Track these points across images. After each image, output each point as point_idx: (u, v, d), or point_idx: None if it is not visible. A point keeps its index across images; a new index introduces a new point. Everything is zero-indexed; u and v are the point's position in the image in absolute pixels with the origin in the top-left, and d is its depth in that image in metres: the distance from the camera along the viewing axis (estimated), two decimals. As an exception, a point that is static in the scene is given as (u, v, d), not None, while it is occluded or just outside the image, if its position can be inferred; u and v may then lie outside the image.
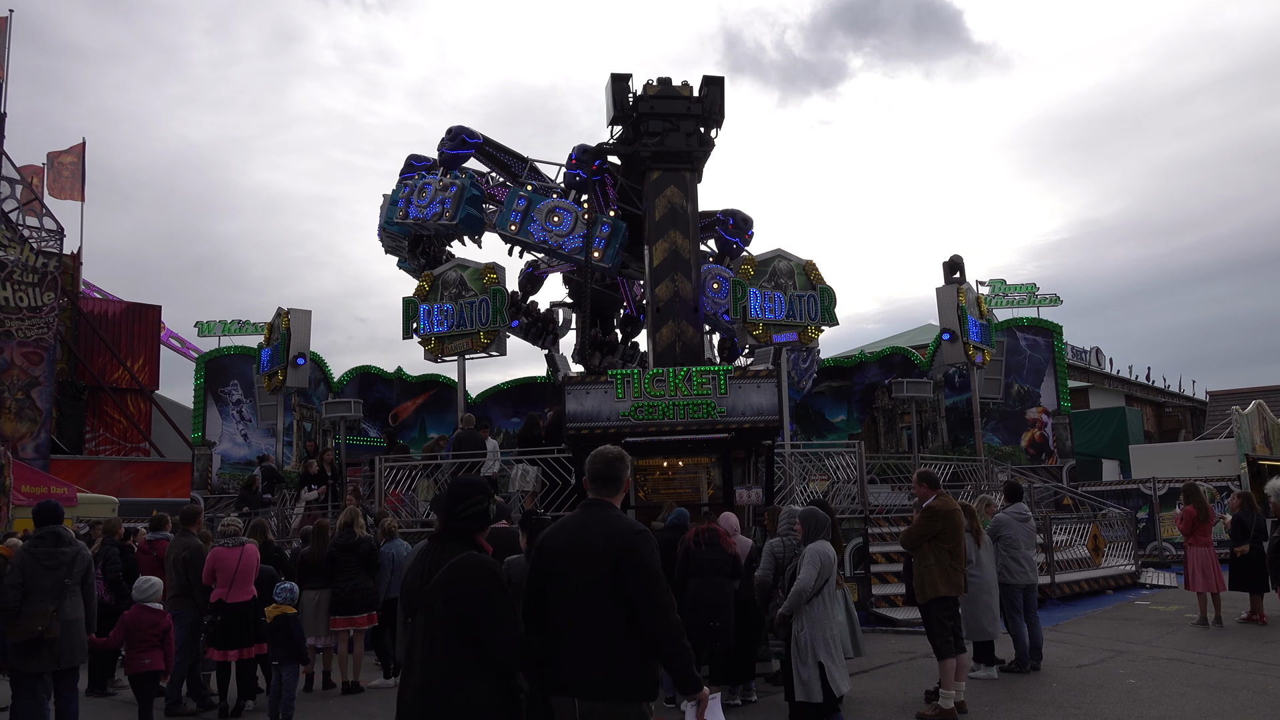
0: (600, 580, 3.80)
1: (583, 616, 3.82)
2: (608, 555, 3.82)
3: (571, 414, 10.21)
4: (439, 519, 4.09)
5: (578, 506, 4.23)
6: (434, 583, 3.81)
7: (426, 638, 3.79)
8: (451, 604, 3.76)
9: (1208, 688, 8.63)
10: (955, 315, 18.03)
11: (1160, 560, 20.35)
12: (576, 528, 4.01)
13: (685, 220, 16.78)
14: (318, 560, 10.13)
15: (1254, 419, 23.49)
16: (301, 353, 18.37)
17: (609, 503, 4.06)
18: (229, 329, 29.38)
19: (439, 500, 4.15)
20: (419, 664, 3.79)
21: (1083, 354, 40.97)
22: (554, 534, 4.08)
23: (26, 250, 25.87)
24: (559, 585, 3.91)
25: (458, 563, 3.82)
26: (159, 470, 27.56)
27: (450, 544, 3.94)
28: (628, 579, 3.78)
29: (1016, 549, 9.77)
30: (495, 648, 3.73)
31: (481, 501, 4.00)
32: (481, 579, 3.81)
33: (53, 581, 6.81)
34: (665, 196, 17.05)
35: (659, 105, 17.32)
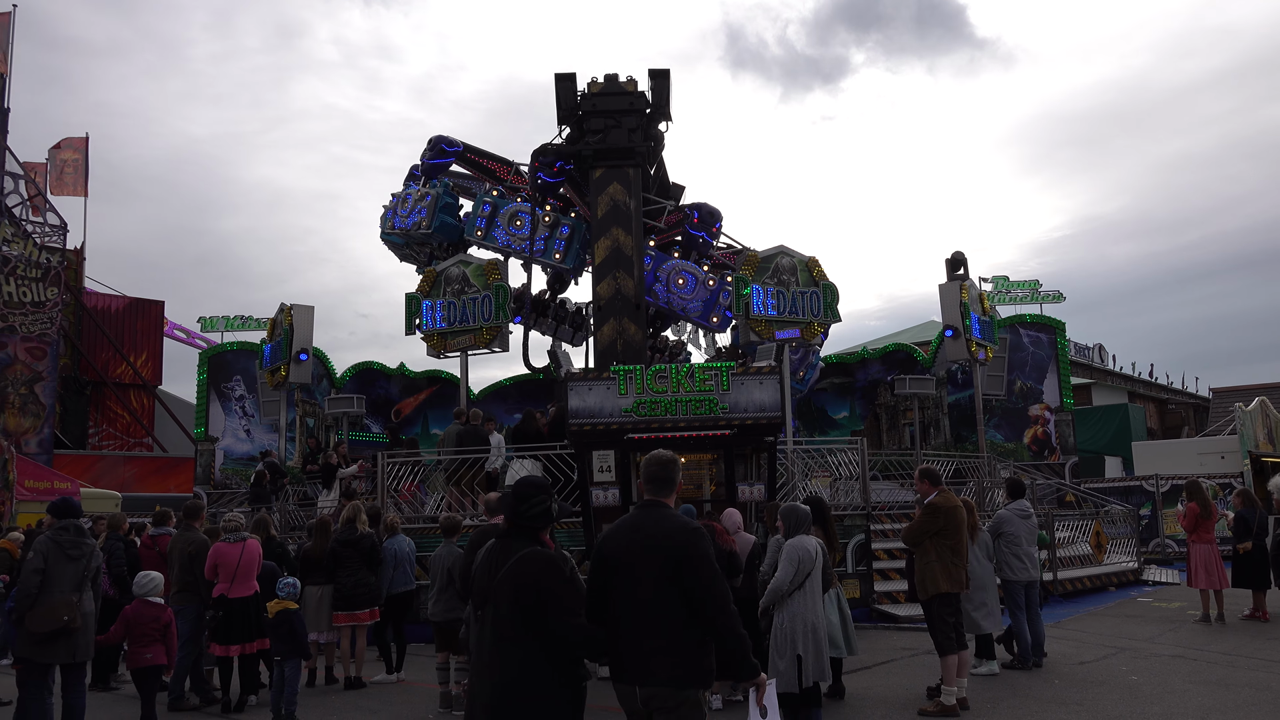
0: (661, 574, 4.07)
1: (645, 608, 4.08)
2: (668, 551, 4.09)
3: (574, 410, 10.21)
4: (505, 518, 4.37)
5: (634, 507, 4.47)
6: (501, 577, 4.05)
7: (495, 629, 4.01)
8: (519, 596, 3.99)
9: (1210, 685, 8.62)
10: (958, 312, 18.01)
11: (1163, 557, 20.36)
12: (636, 526, 4.27)
13: (628, 217, 16.84)
14: (320, 555, 10.14)
15: (1257, 416, 23.46)
16: (304, 348, 18.39)
17: (664, 502, 4.35)
18: (232, 324, 29.36)
19: (504, 500, 4.42)
20: (489, 654, 4.02)
21: (1086, 351, 40.91)
22: (614, 532, 4.36)
23: (30, 246, 25.90)
24: (622, 580, 4.16)
25: (524, 557, 4.06)
26: (162, 465, 27.66)
27: (516, 541, 4.19)
28: (687, 573, 4.05)
29: (1018, 545, 9.77)
30: (562, 637, 3.96)
31: (545, 501, 4.27)
32: (547, 573, 4.02)
33: (74, 571, 6.84)
34: (608, 194, 17.14)
35: (602, 103, 17.39)
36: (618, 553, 4.23)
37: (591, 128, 17.35)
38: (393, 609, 10.50)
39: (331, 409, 21.04)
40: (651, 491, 4.39)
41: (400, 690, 9.91)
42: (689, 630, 4.07)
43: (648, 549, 4.15)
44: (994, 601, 9.27)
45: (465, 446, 13.77)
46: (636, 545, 4.19)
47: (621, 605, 4.14)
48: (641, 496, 4.45)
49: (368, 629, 10.34)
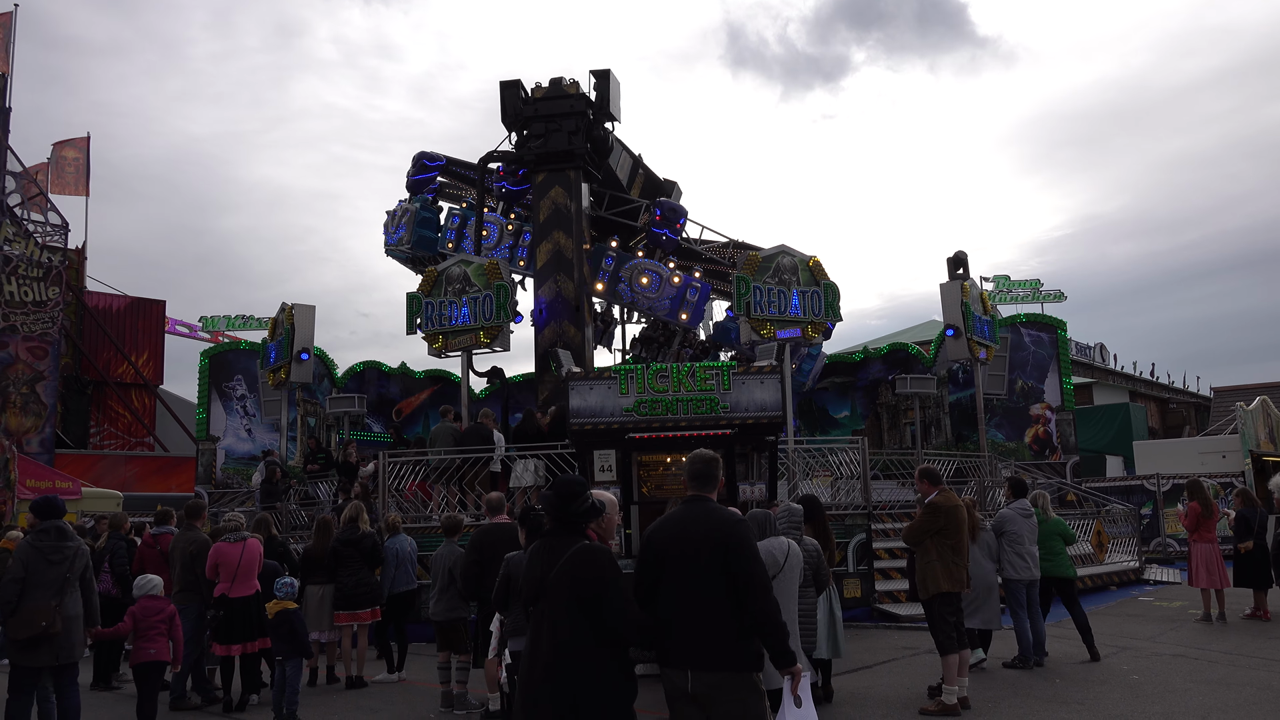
0: (711, 564, 4.32)
1: (695, 597, 4.31)
2: (716, 542, 4.35)
3: (575, 409, 10.21)
4: (549, 517, 4.58)
5: (679, 504, 4.70)
6: (557, 572, 4.27)
7: (552, 621, 4.24)
8: (574, 590, 4.21)
9: (1211, 684, 8.62)
10: (959, 311, 18.00)
11: (1164, 556, 20.36)
12: (684, 519, 4.53)
13: (569, 220, 17.01)
14: (321, 555, 10.15)
15: (1258, 415, 23.44)
16: (305, 348, 18.40)
17: (709, 497, 4.63)
18: (233, 324, 29.41)
19: (546, 499, 4.65)
20: (546, 644, 4.21)
21: (1087, 350, 40.88)
22: (663, 526, 4.62)
23: (31, 245, 25.91)
24: (672, 570, 4.41)
25: (578, 552, 4.30)
26: (163, 465, 27.67)
27: (565, 538, 4.42)
28: (733, 561, 4.29)
29: (1020, 544, 9.77)
30: (615, 626, 4.19)
31: (590, 498, 4.54)
32: (601, 567, 4.28)
33: (55, 576, 6.73)
34: (549, 198, 17.36)
35: (544, 107, 17.58)
36: (667, 544, 4.48)
37: (534, 132, 17.58)
38: (394, 608, 10.50)
39: (333, 408, 21.05)
40: (695, 487, 4.65)
41: (402, 689, 9.92)
42: (737, 617, 4.29)
43: (697, 540, 4.39)
44: (991, 602, 9.27)
45: (468, 445, 13.77)
46: (686, 537, 4.44)
47: (672, 594, 4.38)
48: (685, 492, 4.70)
49: (369, 628, 10.35)
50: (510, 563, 6.81)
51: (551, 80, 17.82)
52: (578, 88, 17.69)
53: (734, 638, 4.29)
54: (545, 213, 17.38)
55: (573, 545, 4.36)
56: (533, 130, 17.67)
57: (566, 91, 17.63)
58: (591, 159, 18.01)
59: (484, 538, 8.23)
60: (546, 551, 4.43)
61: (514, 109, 17.84)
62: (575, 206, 17.25)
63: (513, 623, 6.72)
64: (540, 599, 4.35)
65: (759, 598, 4.28)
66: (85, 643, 7.21)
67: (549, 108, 17.60)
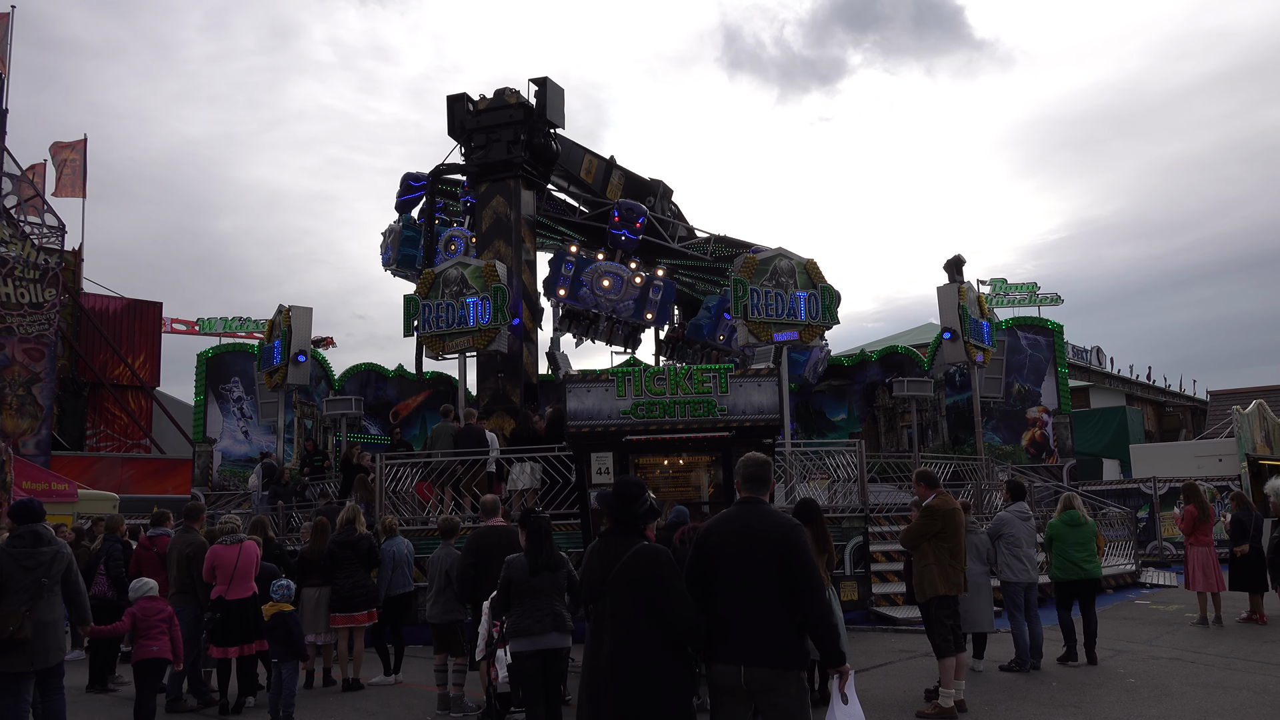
0: (765, 564, 4.43)
1: (749, 595, 4.44)
2: (772, 543, 4.45)
3: (572, 412, 10.21)
4: (609, 517, 4.77)
5: (734, 506, 4.78)
6: (618, 570, 4.47)
7: (614, 616, 4.44)
8: (635, 587, 4.41)
9: (1207, 687, 8.63)
10: (956, 314, 18.02)
11: (1160, 560, 20.37)
12: (740, 519, 4.63)
13: (508, 228, 17.45)
14: (317, 557, 10.14)
15: (1254, 418, 23.48)
16: (302, 350, 18.39)
17: (762, 499, 4.74)
18: (230, 326, 29.37)
19: (606, 500, 4.83)
20: (608, 638, 4.42)
21: (1083, 353, 40.95)
22: (717, 525, 4.70)
23: (28, 247, 25.88)
24: (726, 569, 4.51)
25: (638, 552, 4.51)
26: (160, 467, 27.64)
27: (624, 538, 4.62)
28: (789, 562, 4.41)
29: (1018, 547, 9.76)
30: (674, 621, 4.37)
31: (648, 500, 4.72)
32: (660, 565, 4.47)
33: (29, 581, 6.58)
34: (491, 207, 17.80)
35: (486, 118, 18.07)
36: (722, 544, 4.58)
37: (476, 144, 18.10)
38: (391, 611, 10.49)
39: (330, 410, 21.05)
40: (749, 489, 4.75)
41: (398, 692, 9.90)
42: (788, 616, 4.43)
43: (752, 540, 4.50)
44: (983, 605, 9.25)
45: (463, 447, 13.75)
46: (742, 536, 4.54)
47: (725, 592, 4.49)
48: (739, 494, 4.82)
49: (365, 631, 10.33)
50: (511, 565, 6.83)
51: (496, 91, 18.28)
52: (518, 97, 18.07)
53: (786, 636, 4.42)
54: (487, 222, 17.93)
55: (632, 546, 4.55)
56: (475, 142, 18.21)
57: (507, 101, 18.03)
58: (534, 167, 18.33)
59: (481, 541, 8.23)
60: (606, 551, 4.62)
61: (460, 122, 18.36)
62: (515, 215, 17.64)
63: (514, 624, 6.72)
64: (600, 598, 4.53)
65: (815, 601, 4.41)
66: (66, 647, 7.09)
67: (490, 119, 18.09)
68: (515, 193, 17.79)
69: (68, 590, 6.90)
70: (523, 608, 6.69)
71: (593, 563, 4.68)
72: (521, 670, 6.73)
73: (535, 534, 6.92)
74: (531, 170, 18.22)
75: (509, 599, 6.76)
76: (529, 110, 18.05)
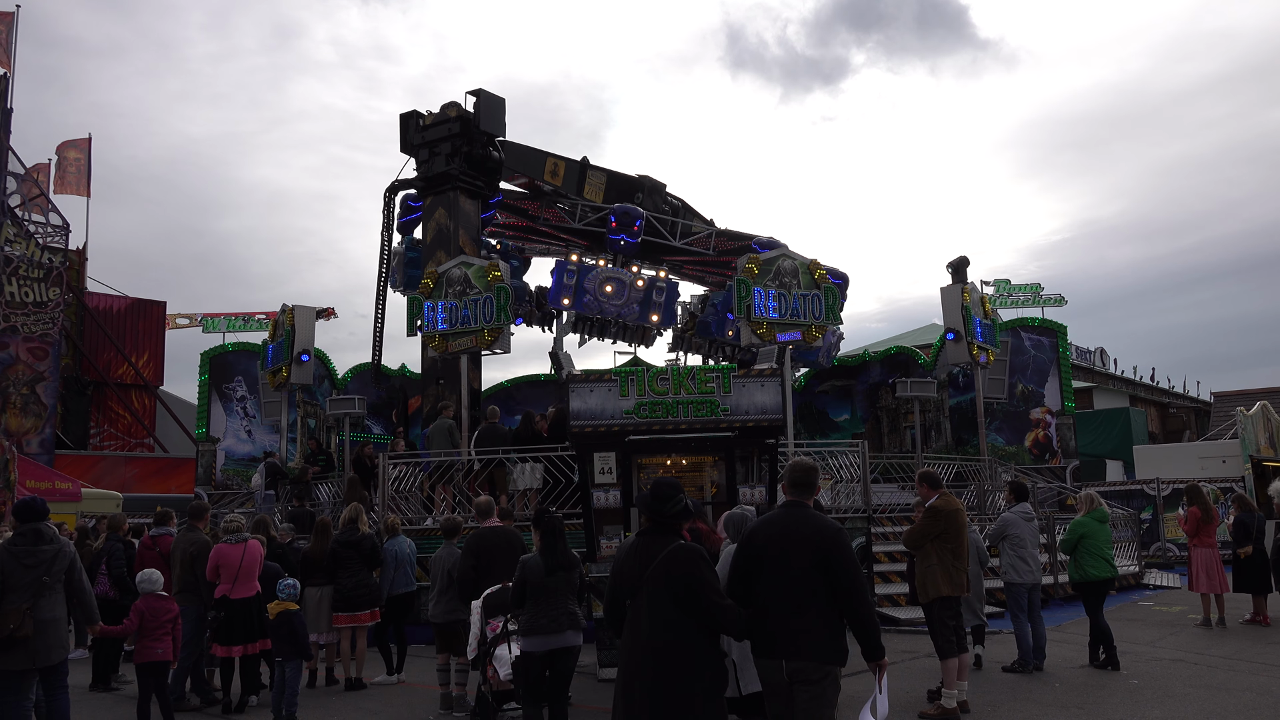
0: (810, 564, 4.72)
1: (793, 593, 4.73)
2: (815, 545, 4.75)
3: (575, 412, 10.20)
4: (646, 516, 4.97)
5: (779, 507, 5.13)
6: (655, 568, 4.62)
7: (650, 611, 4.58)
8: (672, 584, 4.56)
9: (1210, 689, 8.62)
10: (960, 315, 18.00)
11: (1164, 561, 20.35)
12: (785, 521, 4.94)
13: (449, 239, 18.03)
14: (320, 557, 10.15)
15: (1259, 420, 23.45)
16: (305, 349, 18.40)
17: (806, 503, 5.02)
18: (233, 325, 29.39)
19: (643, 500, 5.01)
20: (646, 632, 4.57)
21: (1087, 354, 40.87)
22: (763, 527, 5.03)
23: (32, 246, 25.92)
24: (771, 568, 4.81)
25: (674, 550, 4.66)
26: (163, 466, 27.68)
27: (660, 537, 4.78)
28: (834, 563, 4.71)
29: (1022, 548, 9.75)
30: (710, 617, 4.56)
31: (683, 500, 4.87)
32: (696, 564, 4.63)
33: (30, 579, 6.60)
34: (434, 220, 18.35)
35: (431, 133, 18.75)
36: (768, 544, 4.88)
37: (420, 159, 18.81)
38: (393, 610, 10.50)
39: (333, 410, 21.02)
40: (795, 493, 5.06)
41: (401, 691, 9.92)
42: (830, 613, 4.73)
43: (797, 542, 4.79)
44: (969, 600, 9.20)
45: (485, 446, 13.78)
46: (787, 537, 4.84)
47: (771, 590, 4.79)
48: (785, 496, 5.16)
49: (368, 630, 10.34)
50: (526, 566, 6.86)
51: (443, 105, 18.83)
52: (459, 109, 18.58)
53: (824, 633, 4.72)
54: (430, 235, 18.50)
55: (668, 544, 4.70)
56: (419, 157, 18.93)
57: (448, 115, 18.61)
58: (475, 177, 18.89)
59: (480, 543, 8.24)
60: (643, 549, 4.78)
61: (409, 138, 19.08)
62: (454, 225, 18.22)
63: (529, 623, 6.74)
64: (637, 594, 4.68)
65: (860, 601, 4.73)
66: (69, 645, 7.06)
67: (434, 133, 18.70)
68: (454, 204, 18.37)
69: (72, 590, 6.91)
70: (538, 607, 6.71)
71: (629, 560, 4.82)
72: (528, 669, 6.74)
73: (550, 534, 6.94)
74: (471, 181, 18.76)
75: (524, 597, 6.78)
76: (466, 122, 18.62)
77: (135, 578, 8.89)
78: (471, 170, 18.75)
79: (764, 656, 4.80)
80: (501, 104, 19.15)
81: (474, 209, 18.92)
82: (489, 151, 18.89)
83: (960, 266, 19.33)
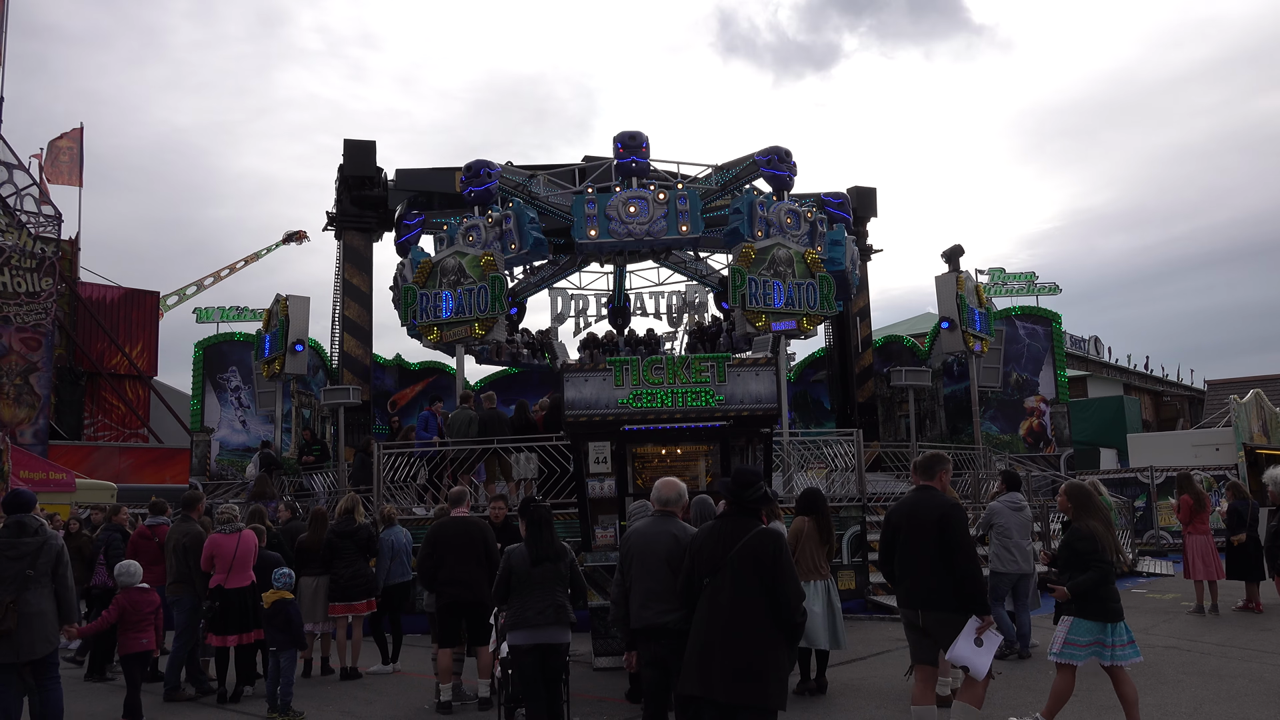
0: (934, 534, 6.04)
1: (924, 558, 6.10)
2: (935, 519, 6.06)
3: (570, 401, 10.20)
4: (727, 501, 5.31)
5: (911, 491, 6.63)
6: (738, 550, 4.98)
7: (731, 589, 4.94)
8: (756, 565, 4.92)
9: (1203, 675, 8.66)
10: (954, 304, 18.02)
11: (1157, 549, 20.41)
12: (915, 502, 6.35)
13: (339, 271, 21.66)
14: (316, 546, 10.14)
15: (1252, 408, 23.50)
16: (300, 339, 18.37)
17: (931, 485, 6.34)
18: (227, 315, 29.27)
19: (725, 486, 5.36)
20: (726, 609, 4.93)
21: (1081, 343, 40.94)
22: (898, 507, 6.49)
23: (24, 236, 25.79)
24: (905, 538, 6.25)
25: (759, 533, 5.04)
26: (157, 456, 27.56)
27: (741, 520, 5.14)
28: (945, 533, 5.99)
29: (1009, 538, 9.76)
30: (782, 598, 4.89)
31: (762, 487, 5.25)
32: (778, 547, 5.00)
33: (14, 572, 6.51)
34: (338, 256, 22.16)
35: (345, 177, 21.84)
36: (902, 520, 6.32)
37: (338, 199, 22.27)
38: (389, 600, 10.50)
39: (327, 400, 21.01)
40: (922, 477, 6.41)
41: (396, 681, 9.93)
42: (948, 573, 5.98)
43: (923, 517, 6.14)
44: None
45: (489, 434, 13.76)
46: (914, 515, 6.23)
47: (906, 555, 6.24)
48: (915, 483, 6.51)
49: (364, 620, 10.35)
50: (511, 555, 6.73)
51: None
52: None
53: (946, 588, 5.98)
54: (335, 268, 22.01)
55: (749, 527, 5.07)
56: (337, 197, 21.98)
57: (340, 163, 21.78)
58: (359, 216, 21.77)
59: (438, 532, 8.41)
60: (725, 531, 5.13)
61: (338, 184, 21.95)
62: (342, 260, 21.69)
63: (514, 615, 6.62)
64: (719, 572, 5.01)
65: (964, 561, 5.93)
66: (57, 639, 6.92)
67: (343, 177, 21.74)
68: (346, 243, 21.69)
69: (55, 585, 6.76)
70: (523, 599, 6.58)
71: (710, 540, 5.17)
72: (519, 663, 6.62)
73: (536, 524, 6.79)
74: (357, 219, 21.73)
75: (508, 590, 6.69)
76: (341, 169, 21.60)
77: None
78: (357, 208, 21.68)
79: (905, 607, 6.30)
80: (372, 145, 21.74)
81: (363, 242, 21.87)
82: (371, 191, 21.59)
83: (955, 255, 19.35)
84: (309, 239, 36.55)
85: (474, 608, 8.31)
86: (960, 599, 5.92)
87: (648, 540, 6.00)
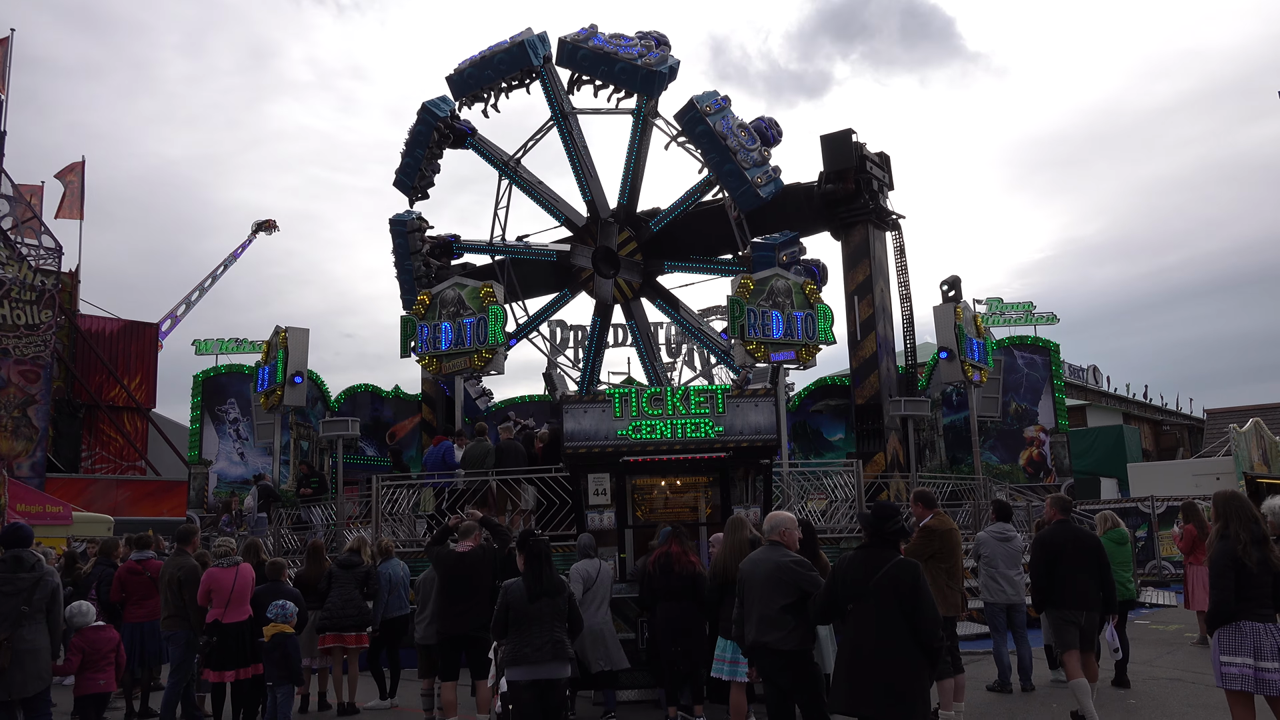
0: (1087, 556, 8.17)
1: (1082, 575, 8.06)
2: (1087, 545, 8.25)
3: (569, 433, 10.18)
4: (868, 532, 5.62)
5: (1055, 524, 8.47)
6: (879, 579, 5.32)
7: (875, 618, 5.29)
8: (898, 593, 5.27)
9: (1208, 708, 8.58)
10: (953, 334, 18.04)
11: (1159, 579, 20.29)
12: (1067, 531, 8.29)
13: None
14: (314, 581, 10.07)
15: (1252, 437, 23.48)
16: (299, 371, 18.36)
17: (1070, 519, 8.40)
18: (226, 347, 29.29)
19: (866, 519, 5.71)
20: (870, 637, 5.29)
21: (1080, 372, 40.97)
22: (1055, 536, 8.24)
23: (24, 268, 25.86)
24: (1066, 559, 8.08)
25: (899, 563, 5.40)
26: (155, 489, 27.48)
27: (882, 551, 5.48)
28: (1096, 558, 8.21)
29: (994, 567, 9.71)
30: (923, 624, 5.24)
31: (900, 520, 5.63)
32: (917, 577, 5.36)
33: (9, 608, 6.44)
34: None
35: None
36: (1064, 545, 8.12)
37: None
38: (388, 633, 10.41)
39: (326, 432, 20.96)
40: (1062, 514, 8.43)
41: (394, 716, 9.83)
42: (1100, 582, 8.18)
43: (1076, 544, 8.16)
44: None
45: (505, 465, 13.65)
46: (1070, 543, 8.16)
47: (1067, 571, 8.06)
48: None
49: (361, 654, 10.24)
50: (509, 591, 6.64)
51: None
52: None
53: (1097, 594, 7.98)
54: None
55: (889, 558, 5.41)
56: None
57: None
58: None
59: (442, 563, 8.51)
60: (867, 561, 5.46)
61: None
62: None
63: (512, 651, 6.54)
64: (863, 598, 5.36)
65: (1108, 580, 8.08)
66: (50, 676, 6.84)
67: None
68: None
69: (48, 620, 6.71)
70: (521, 635, 6.50)
71: (853, 569, 5.50)
72: (519, 700, 6.53)
73: (534, 558, 6.68)
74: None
75: (507, 624, 6.62)
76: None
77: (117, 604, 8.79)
78: None
79: (1070, 608, 7.97)
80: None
81: None
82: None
83: (954, 285, 19.40)
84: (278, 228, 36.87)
85: (475, 642, 8.27)
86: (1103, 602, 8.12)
87: (754, 566, 6.48)
